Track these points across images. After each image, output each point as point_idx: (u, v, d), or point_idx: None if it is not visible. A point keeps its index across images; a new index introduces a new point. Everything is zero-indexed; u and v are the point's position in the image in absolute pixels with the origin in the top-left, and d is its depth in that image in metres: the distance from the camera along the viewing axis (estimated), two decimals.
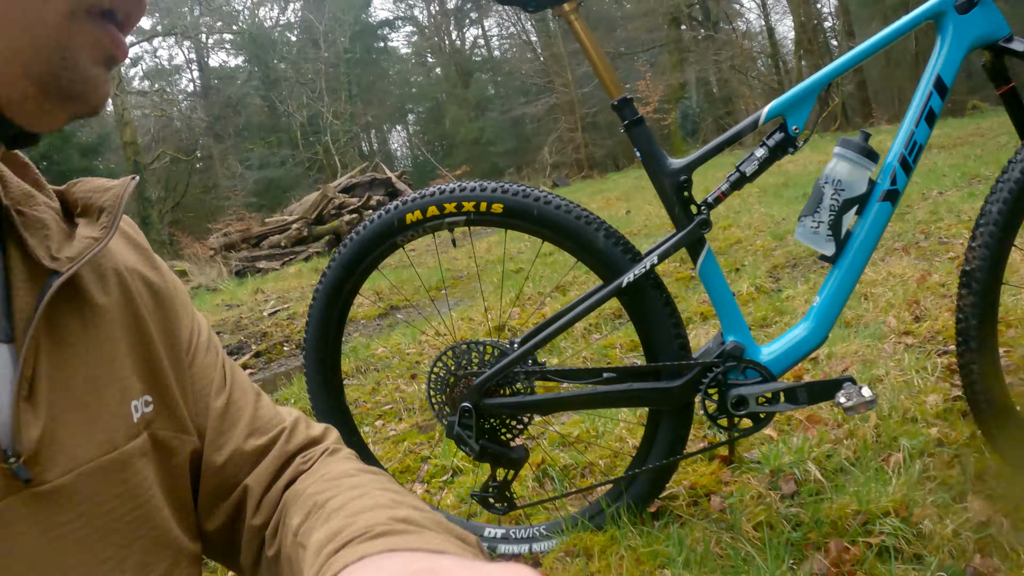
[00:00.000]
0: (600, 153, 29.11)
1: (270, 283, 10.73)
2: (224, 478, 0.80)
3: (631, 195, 10.84)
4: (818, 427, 2.32)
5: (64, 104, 0.61)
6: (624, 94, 1.77)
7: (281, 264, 13.89)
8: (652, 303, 1.82)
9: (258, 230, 15.51)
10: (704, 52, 26.98)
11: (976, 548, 1.64)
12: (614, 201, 10.65)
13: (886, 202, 1.74)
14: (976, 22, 1.71)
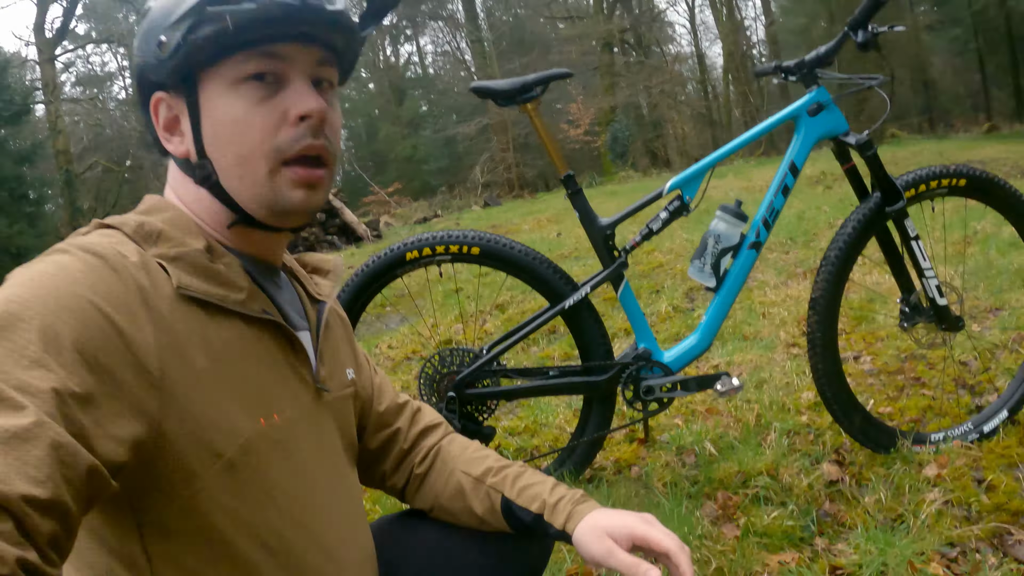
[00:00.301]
0: (531, 173, 29.26)
1: None
2: (382, 419, 1.36)
3: (562, 217, 11.20)
4: (714, 417, 3.02)
5: (286, 216, 1.02)
6: (569, 171, 2.46)
7: None
8: (586, 320, 2.50)
9: None
10: (635, 77, 27.52)
11: (826, 497, 2.34)
12: (545, 223, 11.04)
13: (752, 250, 2.45)
14: (822, 122, 2.45)
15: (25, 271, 0.83)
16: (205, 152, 0.99)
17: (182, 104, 0.99)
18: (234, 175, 0.99)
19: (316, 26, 0.97)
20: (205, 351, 0.91)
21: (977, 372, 3.15)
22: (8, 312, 0.76)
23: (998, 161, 11.28)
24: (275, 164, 0.98)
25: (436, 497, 1.30)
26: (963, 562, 1.91)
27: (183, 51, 0.93)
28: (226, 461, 0.91)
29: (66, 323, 0.77)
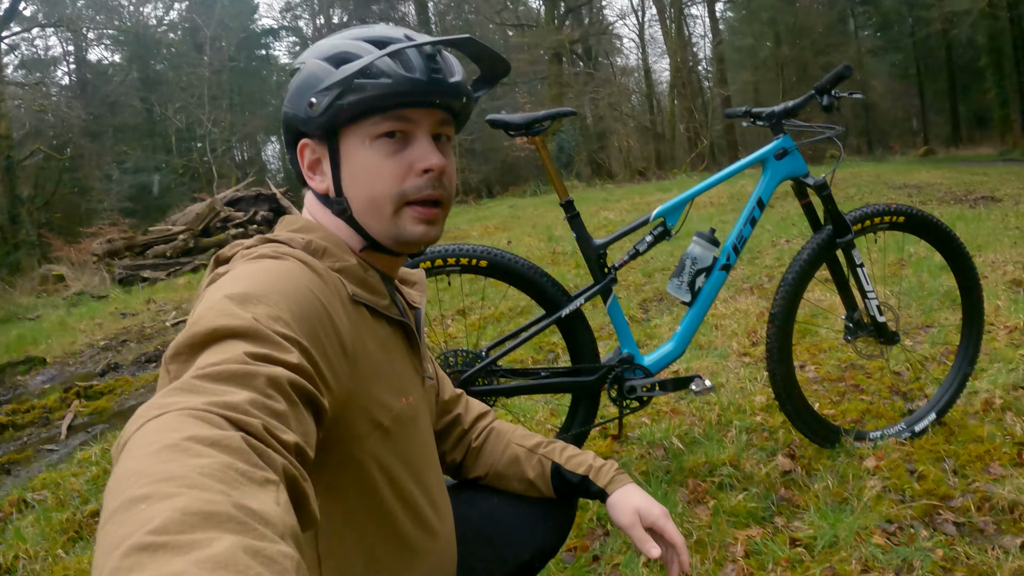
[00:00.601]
0: (475, 179, 29.23)
1: (160, 293, 10.81)
2: (446, 406, 1.64)
3: (509, 225, 11.32)
4: (678, 416, 3.39)
5: (407, 246, 1.25)
6: (568, 197, 2.80)
7: (167, 274, 13.31)
8: (578, 327, 2.84)
9: (143, 239, 15.02)
10: (582, 88, 27.73)
11: (782, 484, 2.73)
12: (493, 230, 11.23)
13: (723, 271, 2.82)
14: (787, 165, 2.84)
15: (254, 266, 1.04)
16: (343, 191, 1.23)
17: (324, 151, 1.23)
18: (365, 212, 1.22)
19: (438, 96, 1.21)
20: (372, 341, 1.18)
21: (909, 381, 3.58)
22: (261, 290, 0.95)
23: (933, 186, 11.89)
24: (399, 206, 1.21)
25: (492, 465, 1.60)
26: (900, 535, 2.32)
27: (330, 112, 1.18)
28: (383, 430, 1.16)
29: (300, 305, 0.98)
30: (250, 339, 0.85)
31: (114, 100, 32.17)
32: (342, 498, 1.13)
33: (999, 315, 4.34)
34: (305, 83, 1.22)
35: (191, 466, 0.59)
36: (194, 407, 0.69)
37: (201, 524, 0.53)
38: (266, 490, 0.61)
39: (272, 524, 0.57)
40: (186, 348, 0.84)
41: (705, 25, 38.83)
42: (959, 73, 36.33)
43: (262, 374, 0.78)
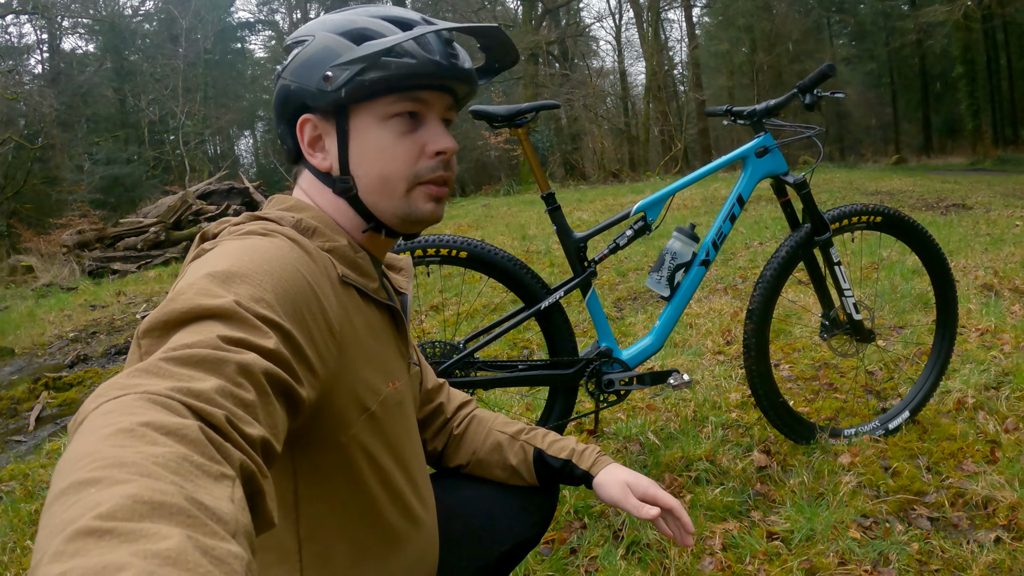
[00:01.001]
0: None
1: (130, 285, 10.68)
2: (428, 395, 1.63)
3: (482, 223, 11.28)
4: (654, 412, 3.40)
5: (416, 224, 1.26)
6: (550, 190, 2.80)
7: (137, 267, 13.19)
8: (556, 320, 2.83)
9: (113, 231, 14.86)
10: (558, 88, 27.60)
11: (758, 479, 2.74)
12: (466, 228, 11.17)
13: (702, 267, 2.83)
14: (767, 163, 2.85)
15: (240, 243, 1.01)
16: (349, 170, 1.21)
17: (331, 127, 1.21)
18: (375, 190, 1.22)
19: (454, 80, 1.22)
20: (360, 324, 1.17)
21: (882, 380, 3.61)
22: (246, 268, 0.92)
23: (905, 193, 12.03)
24: (412, 185, 1.22)
25: (474, 452, 1.59)
26: (876, 529, 2.34)
27: (348, 87, 1.16)
28: (370, 414, 1.14)
29: (288, 285, 0.95)
30: (227, 321, 0.82)
31: (87, 90, 31.71)
32: (325, 481, 1.12)
33: (971, 318, 4.39)
34: (317, 56, 1.20)
35: (145, 454, 0.57)
36: (156, 391, 0.66)
37: (150, 514, 0.51)
38: (221, 485, 0.59)
39: (224, 521, 0.55)
40: (160, 325, 0.82)
41: (682, 29, 39.28)
42: (932, 83, 36.90)
43: (233, 361, 0.76)
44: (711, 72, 37.48)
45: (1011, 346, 3.87)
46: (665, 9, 32.50)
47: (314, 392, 0.95)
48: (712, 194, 11.94)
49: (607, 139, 29.55)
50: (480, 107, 2.68)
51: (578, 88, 28.45)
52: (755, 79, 31.54)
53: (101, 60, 33.46)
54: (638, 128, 30.52)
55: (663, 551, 2.28)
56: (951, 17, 25.11)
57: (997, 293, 5.00)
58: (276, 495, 1.05)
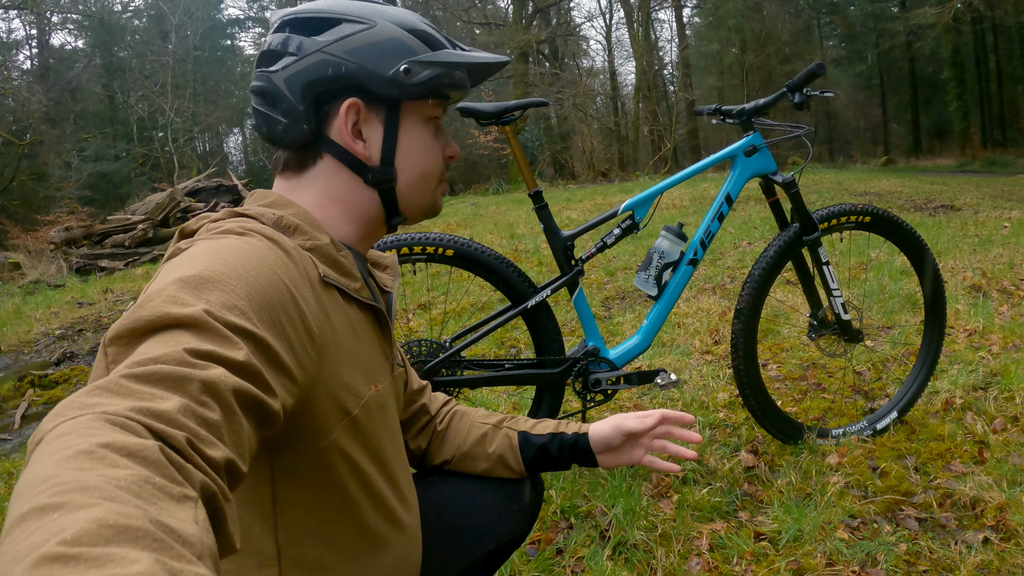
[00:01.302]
0: None
1: (118, 283, 10.43)
2: (412, 396, 1.60)
3: (471, 222, 11.26)
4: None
5: (431, 215, 1.35)
6: (537, 188, 2.78)
7: (125, 264, 13.16)
8: (543, 319, 2.81)
9: (101, 228, 14.79)
10: (548, 88, 27.56)
11: (745, 479, 2.73)
12: (455, 227, 11.11)
13: (690, 266, 2.82)
14: (756, 162, 2.83)
15: (216, 244, 0.98)
16: (393, 162, 1.24)
17: (375, 117, 1.22)
18: (415, 185, 1.27)
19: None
20: (341, 325, 1.14)
21: (870, 381, 3.61)
22: (220, 272, 0.89)
23: (893, 194, 12.07)
24: (438, 182, 1.32)
25: (459, 447, 1.57)
26: (864, 530, 2.33)
27: (428, 85, 1.20)
28: (351, 418, 1.11)
29: (263, 289, 0.92)
30: (195, 331, 0.79)
31: (76, 86, 31.54)
32: (304, 486, 1.09)
33: (959, 319, 4.39)
34: (390, 45, 1.20)
35: (107, 477, 0.55)
36: (115, 412, 0.64)
37: (116, 538, 0.49)
38: (184, 507, 0.58)
39: (190, 544, 0.54)
40: (128, 332, 0.79)
41: (672, 30, 39.32)
42: (921, 85, 37.02)
43: (197, 379, 0.73)
44: (701, 72, 37.54)
45: (999, 347, 3.87)
46: (655, 9, 32.63)
47: (292, 398, 0.93)
48: (701, 194, 11.94)
49: (596, 138, 29.62)
50: (467, 104, 2.65)
51: (568, 87, 28.50)
52: (745, 79, 31.61)
53: (90, 56, 33.30)
54: (627, 128, 30.61)
55: (650, 552, 2.26)
56: (941, 19, 25.21)
57: (985, 294, 5.00)
58: (254, 499, 1.05)
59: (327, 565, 1.14)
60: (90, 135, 30.16)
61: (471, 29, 32.77)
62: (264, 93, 1.22)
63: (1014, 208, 10.14)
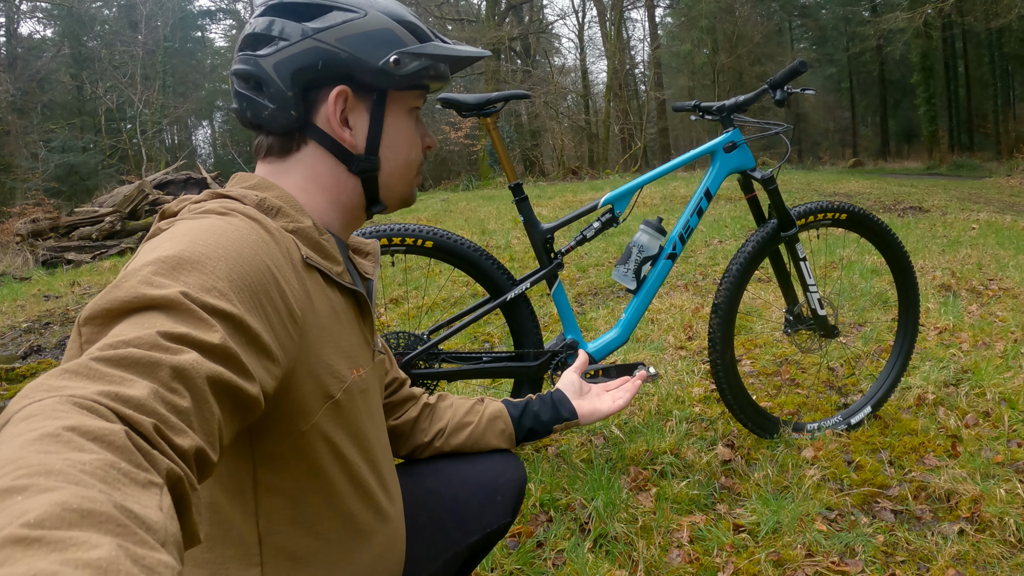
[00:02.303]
0: None
1: (85, 276, 10.22)
2: (391, 381, 1.61)
3: (442, 218, 11.22)
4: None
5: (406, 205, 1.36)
6: (518, 180, 2.78)
7: (92, 257, 13.02)
8: (522, 312, 2.81)
9: (68, 220, 14.60)
10: (519, 85, 27.62)
11: (722, 473, 2.74)
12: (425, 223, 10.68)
13: (669, 260, 2.83)
14: (735, 158, 2.85)
15: (197, 223, 0.97)
16: (377, 151, 1.24)
17: (361, 106, 1.22)
18: (397, 173, 1.28)
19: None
20: (323, 308, 1.12)
21: (843, 377, 3.64)
22: (200, 252, 0.88)
23: (862, 195, 12.22)
24: (417, 172, 1.34)
25: (452, 416, 1.61)
26: (841, 521, 2.35)
27: (416, 76, 1.23)
28: (334, 402, 1.10)
29: (244, 270, 0.91)
30: (171, 313, 0.79)
31: (44, 76, 31.03)
32: (285, 470, 1.08)
33: (929, 317, 4.45)
34: (381, 36, 1.21)
35: (72, 460, 0.54)
36: (83, 395, 0.64)
37: (80, 522, 0.49)
38: (149, 493, 0.57)
39: (153, 530, 0.53)
40: (102, 313, 0.79)
41: (644, 29, 39.58)
42: (891, 89, 37.53)
43: (168, 364, 0.72)
44: (672, 72, 37.76)
45: (969, 344, 3.92)
46: (628, 8, 32.74)
47: (273, 381, 0.92)
48: (671, 192, 12.02)
49: (567, 136, 29.66)
50: (450, 95, 2.65)
51: (539, 85, 28.50)
52: (716, 80, 31.84)
53: (59, 45, 32.82)
54: (598, 126, 30.67)
55: (630, 544, 2.26)
56: (911, 24, 25.55)
57: (955, 293, 5.07)
58: (234, 485, 1.04)
59: (310, 555, 1.13)
60: (57, 126, 29.71)
61: (443, 25, 32.70)
62: (249, 77, 1.20)
63: (981, 210, 10.31)
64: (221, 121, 41.77)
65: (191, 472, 0.68)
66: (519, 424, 1.63)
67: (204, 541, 1.02)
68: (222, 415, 0.78)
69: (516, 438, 1.63)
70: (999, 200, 13.44)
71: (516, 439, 1.63)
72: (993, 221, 8.90)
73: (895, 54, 33.19)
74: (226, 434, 0.79)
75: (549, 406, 1.66)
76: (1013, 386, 3.25)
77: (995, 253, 6.51)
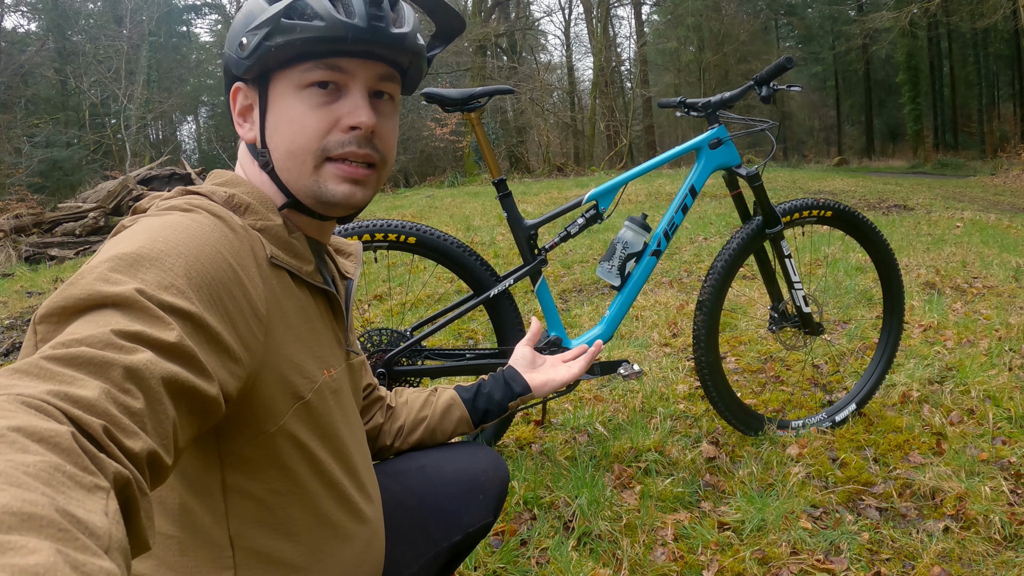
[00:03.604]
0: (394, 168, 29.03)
1: (68, 272, 10.06)
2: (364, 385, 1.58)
3: (426, 214, 11.21)
4: (601, 403, 3.37)
5: (330, 207, 1.14)
6: (502, 176, 2.75)
7: (75, 253, 12.98)
8: (506, 308, 2.79)
9: (51, 215, 14.54)
10: (505, 81, 27.27)
11: (707, 470, 2.73)
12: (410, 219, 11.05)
13: (653, 257, 2.81)
14: (720, 155, 2.84)
15: (158, 220, 0.95)
16: (266, 142, 1.14)
17: (255, 96, 1.15)
18: (284, 167, 1.13)
19: (379, 46, 1.10)
20: (291, 308, 1.10)
21: (827, 374, 3.64)
22: (158, 249, 0.86)
23: (847, 193, 12.25)
24: (319, 161, 1.12)
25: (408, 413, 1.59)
26: (826, 519, 2.34)
27: (257, 54, 1.08)
28: (304, 403, 1.07)
29: (204, 267, 0.89)
30: (126, 311, 0.77)
31: (27, 70, 30.73)
32: (254, 472, 1.05)
33: (914, 314, 4.46)
34: (240, 21, 1.13)
35: (15, 462, 0.53)
36: (32, 395, 0.62)
37: (19, 526, 0.47)
38: (94, 497, 0.55)
39: (97, 536, 0.51)
40: (58, 311, 0.77)
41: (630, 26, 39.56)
42: (876, 88, 37.72)
43: (120, 364, 0.70)
44: (658, 69, 37.81)
45: (954, 342, 3.93)
46: (615, 6, 32.75)
47: (236, 381, 0.90)
48: (656, 189, 12.03)
49: (553, 133, 29.67)
50: (433, 90, 2.62)
51: (525, 81, 28.44)
52: (702, 77, 31.92)
53: (43, 40, 32.52)
54: (584, 123, 30.70)
55: (615, 542, 2.25)
56: (897, 23, 25.67)
57: (939, 291, 5.09)
58: (203, 488, 1.02)
59: (285, 557, 1.10)
60: (41, 121, 29.41)
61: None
62: None
63: (966, 209, 10.36)
64: (206, 116, 41.51)
65: (142, 476, 0.66)
66: (473, 407, 1.60)
67: (176, 545, 1.01)
68: (178, 417, 0.76)
69: (473, 422, 1.60)
70: (983, 199, 13.51)
71: (473, 423, 1.61)
72: (977, 219, 8.94)
73: (881, 53, 33.35)
74: (183, 436, 0.77)
75: (501, 384, 1.62)
76: (997, 384, 3.25)
77: (979, 251, 6.54)
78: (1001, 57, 32.77)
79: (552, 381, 1.63)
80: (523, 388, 1.61)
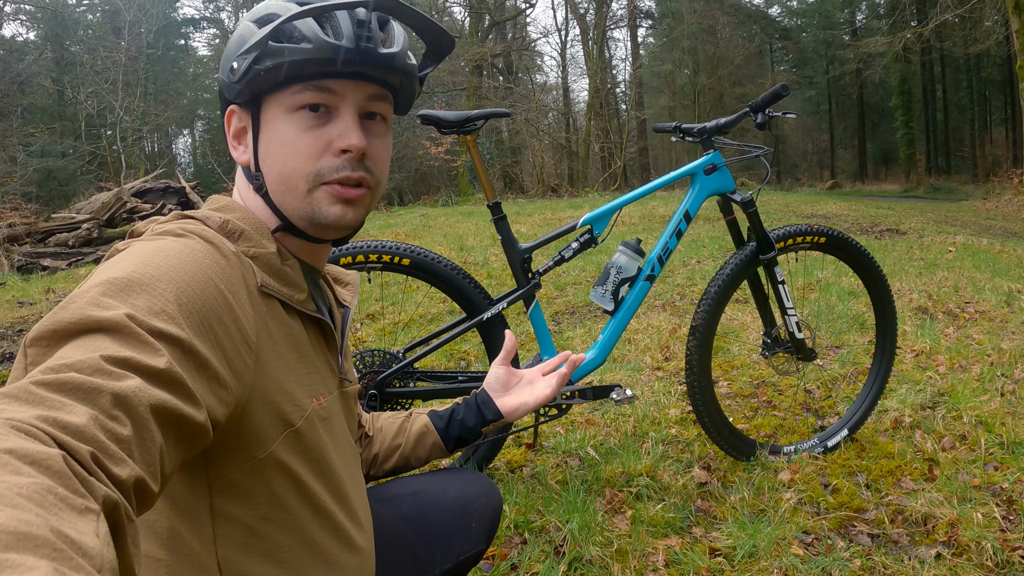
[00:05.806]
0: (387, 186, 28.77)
1: (60, 283, 10.08)
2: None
3: (420, 233, 11.22)
4: (593, 427, 3.37)
5: (324, 229, 1.15)
6: (496, 199, 2.76)
7: (68, 264, 12.98)
8: (499, 331, 2.79)
9: (45, 225, 14.54)
10: (501, 102, 27.54)
11: (699, 495, 2.73)
12: (404, 238, 10.90)
13: (647, 282, 2.82)
14: (715, 180, 2.85)
15: (151, 245, 0.95)
16: (259, 165, 1.15)
17: (248, 119, 1.15)
18: (278, 189, 1.14)
19: (368, 67, 1.10)
20: (281, 336, 1.10)
21: (820, 399, 3.64)
22: (149, 275, 0.87)
23: (839, 217, 12.29)
24: (313, 185, 1.12)
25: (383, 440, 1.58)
26: (818, 545, 2.34)
27: (247, 78, 1.09)
28: (294, 431, 1.07)
29: (195, 293, 0.90)
30: (116, 336, 0.78)
31: (25, 79, 30.75)
32: (243, 498, 1.05)
33: (906, 339, 4.47)
34: (231, 45, 1.14)
35: (9, 484, 0.54)
36: (22, 419, 0.62)
37: (16, 545, 0.48)
38: (85, 519, 0.56)
39: (90, 556, 0.53)
40: (48, 335, 0.77)
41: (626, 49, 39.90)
42: (869, 112, 37.97)
43: (109, 391, 0.70)
44: (653, 92, 38.03)
45: (946, 367, 3.94)
46: (611, 28, 32.94)
47: (224, 408, 0.91)
48: (650, 212, 12.06)
49: (547, 154, 29.75)
50: (429, 112, 2.63)
51: (521, 102, 28.58)
52: (696, 100, 32.11)
53: (42, 49, 32.55)
54: (578, 144, 30.79)
55: (605, 567, 2.24)
56: (891, 49, 25.86)
57: (931, 316, 5.10)
58: (191, 512, 1.01)
59: None
60: (37, 130, 29.41)
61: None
62: None
63: (958, 233, 10.40)
64: (202, 130, 41.58)
65: (128, 502, 0.66)
66: (446, 434, 1.58)
67: (165, 569, 1.00)
68: (166, 443, 0.76)
69: (447, 448, 1.59)
70: (975, 223, 13.59)
71: (447, 449, 1.59)
72: (970, 244, 8.97)
73: (874, 77, 33.60)
74: (170, 463, 0.77)
75: (474, 410, 1.59)
76: (990, 409, 3.25)
77: (972, 276, 6.56)
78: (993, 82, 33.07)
79: (524, 406, 1.58)
80: (494, 415, 1.58)
